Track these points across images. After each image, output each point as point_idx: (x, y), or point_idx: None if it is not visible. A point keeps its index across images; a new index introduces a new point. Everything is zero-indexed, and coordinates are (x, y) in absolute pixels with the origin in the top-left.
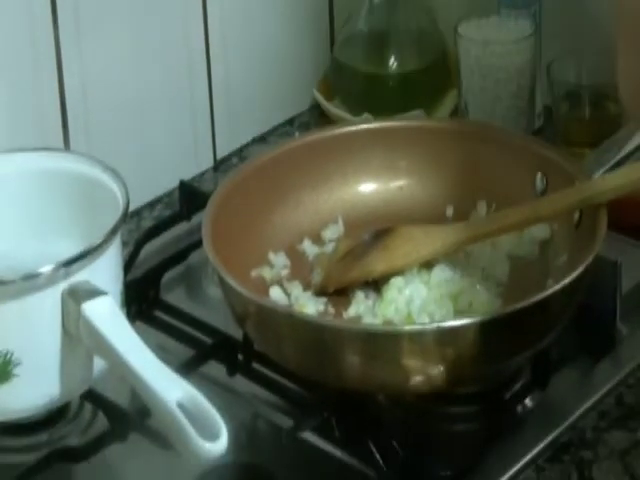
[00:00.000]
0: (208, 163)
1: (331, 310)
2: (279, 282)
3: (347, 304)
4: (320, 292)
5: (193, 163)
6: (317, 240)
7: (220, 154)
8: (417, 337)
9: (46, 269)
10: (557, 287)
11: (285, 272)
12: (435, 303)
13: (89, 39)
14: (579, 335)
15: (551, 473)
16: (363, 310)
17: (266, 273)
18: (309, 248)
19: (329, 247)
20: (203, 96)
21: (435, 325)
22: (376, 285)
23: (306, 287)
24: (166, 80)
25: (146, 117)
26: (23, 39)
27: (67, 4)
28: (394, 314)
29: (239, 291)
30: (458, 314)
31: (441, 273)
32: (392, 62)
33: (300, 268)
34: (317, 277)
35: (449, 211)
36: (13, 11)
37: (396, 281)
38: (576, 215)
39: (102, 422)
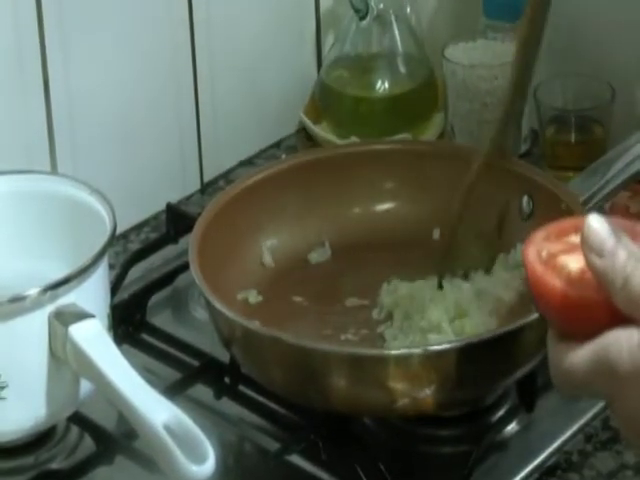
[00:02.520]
0: (195, 186)
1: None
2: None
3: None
4: None
5: (180, 186)
6: (304, 263)
7: (207, 177)
8: (403, 360)
9: (33, 291)
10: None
11: None
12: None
13: (76, 63)
14: None
15: None
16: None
17: (252, 297)
18: None
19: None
20: (190, 119)
21: (421, 348)
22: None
23: None
24: (153, 103)
25: (133, 140)
26: (9, 61)
27: (53, 25)
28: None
29: (226, 314)
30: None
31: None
32: (379, 85)
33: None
34: None
35: (436, 234)
36: None
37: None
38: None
39: (89, 444)
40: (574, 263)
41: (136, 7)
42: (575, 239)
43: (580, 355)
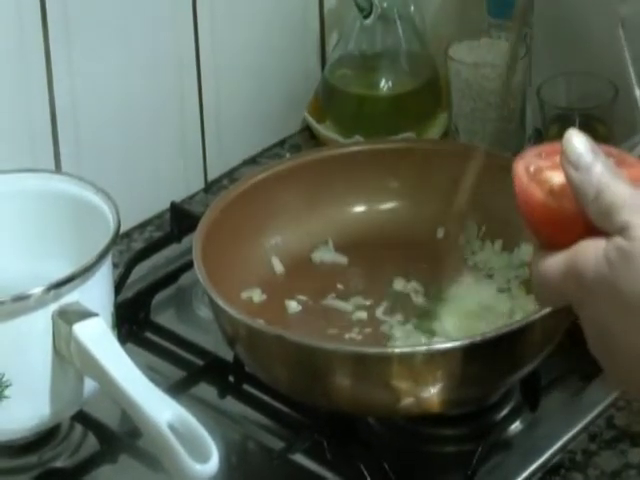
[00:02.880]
0: (199, 185)
1: None
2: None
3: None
4: None
5: (184, 185)
6: (307, 261)
7: (211, 176)
8: (407, 359)
9: (36, 290)
10: (547, 309)
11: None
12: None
13: (80, 62)
14: (569, 357)
15: None
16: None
17: (256, 296)
18: None
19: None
20: (194, 118)
21: (425, 347)
22: None
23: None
24: (157, 102)
25: (137, 139)
26: (13, 59)
27: (57, 24)
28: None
29: (230, 313)
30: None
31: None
32: (383, 84)
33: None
34: None
35: (440, 233)
36: (3, 30)
37: None
38: None
39: (92, 443)
40: (557, 178)
41: (140, 6)
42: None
43: (554, 261)
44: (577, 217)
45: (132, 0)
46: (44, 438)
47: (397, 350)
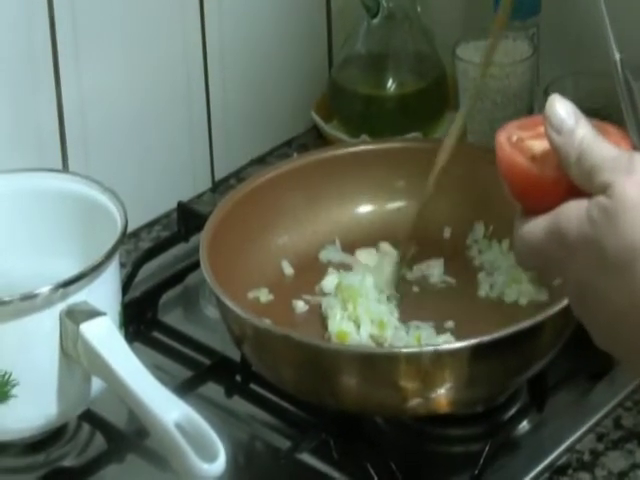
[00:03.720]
0: (206, 184)
1: None
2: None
3: None
4: None
5: (191, 184)
6: (314, 261)
7: (218, 175)
8: (414, 359)
9: (44, 289)
10: (554, 309)
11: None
12: None
13: (87, 61)
14: (576, 357)
15: None
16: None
17: (263, 296)
18: None
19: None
20: (201, 117)
21: (432, 347)
22: None
23: None
24: (164, 102)
25: (144, 138)
26: (22, 60)
27: (66, 24)
28: None
29: (236, 312)
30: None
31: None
32: (390, 84)
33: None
34: None
35: (447, 233)
36: (12, 30)
37: None
38: None
39: (100, 442)
40: (539, 146)
41: (148, 6)
42: (544, 129)
43: (536, 224)
44: (559, 182)
45: (139, 1)
46: (51, 437)
47: (404, 350)
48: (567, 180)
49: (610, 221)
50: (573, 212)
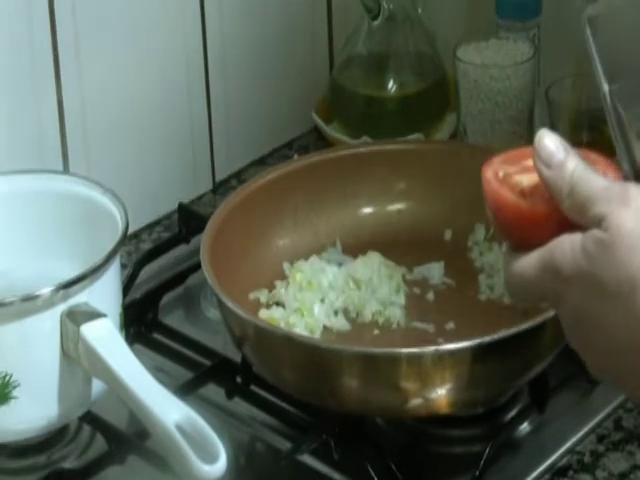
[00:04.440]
0: (207, 186)
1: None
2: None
3: None
4: None
5: (192, 186)
6: None
7: (219, 177)
8: (415, 360)
9: (45, 291)
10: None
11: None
12: None
13: (88, 63)
14: (577, 358)
15: None
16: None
17: (264, 297)
18: None
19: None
20: (202, 119)
21: (433, 348)
22: None
23: None
24: (165, 103)
25: (145, 140)
26: (23, 61)
27: (66, 25)
28: None
29: (237, 313)
30: None
31: None
32: (391, 85)
33: None
34: None
35: (447, 235)
36: (13, 31)
37: None
38: None
39: (100, 444)
40: (527, 181)
41: (148, 6)
42: (530, 163)
43: (529, 259)
44: (551, 216)
45: (140, 2)
46: (52, 439)
47: (405, 351)
48: (558, 214)
49: (606, 253)
50: (567, 246)
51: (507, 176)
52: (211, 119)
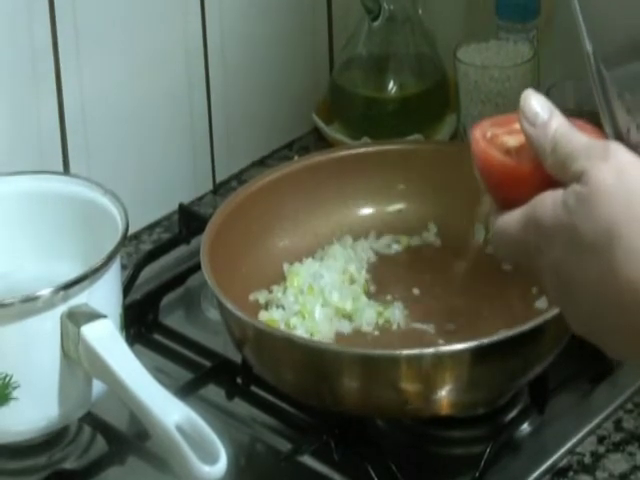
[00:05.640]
0: (207, 187)
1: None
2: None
3: None
4: None
5: (192, 186)
6: None
7: (219, 178)
8: (415, 361)
9: (45, 292)
10: (556, 311)
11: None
12: None
13: (89, 64)
14: (577, 359)
15: None
16: None
17: (262, 298)
18: None
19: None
20: (202, 120)
21: (432, 349)
22: None
23: None
24: (166, 104)
25: (145, 141)
26: (23, 62)
27: (67, 27)
28: None
29: (237, 314)
30: None
31: None
32: (391, 86)
33: None
34: None
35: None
36: (13, 31)
37: None
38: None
39: (101, 445)
40: (514, 141)
41: (149, 7)
42: (518, 126)
43: (513, 214)
44: (534, 174)
45: (141, 2)
46: (52, 440)
47: (405, 352)
48: (542, 172)
49: (585, 206)
50: (549, 201)
51: (495, 137)
52: (211, 120)
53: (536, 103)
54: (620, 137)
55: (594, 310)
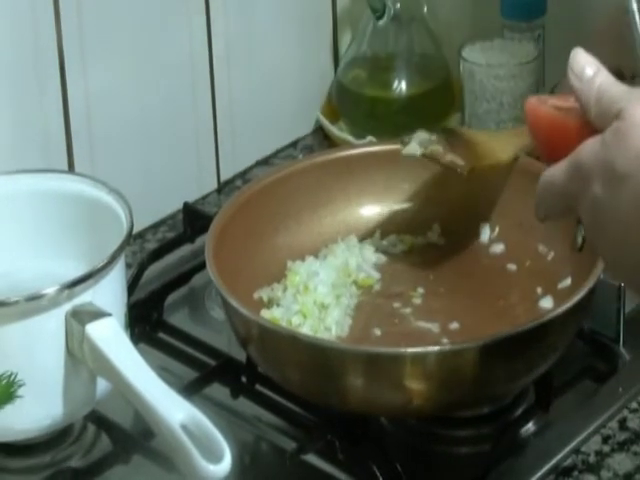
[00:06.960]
0: (212, 185)
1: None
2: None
3: None
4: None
5: (197, 185)
6: None
7: (224, 176)
8: (420, 359)
9: (50, 290)
10: (560, 310)
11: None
12: None
13: (93, 62)
14: (582, 358)
15: None
16: None
17: (267, 296)
18: None
19: None
20: (207, 119)
21: (437, 347)
22: None
23: None
24: (170, 103)
25: (150, 140)
26: (28, 61)
27: (71, 26)
28: None
29: (242, 313)
30: None
31: None
32: (396, 85)
33: None
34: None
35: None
36: (18, 30)
37: None
38: (579, 238)
39: (105, 443)
40: (565, 104)
41: (154, 5)
42: (571, 100)
43: (559, 165)
44: (582, 128)
45: (145, 3)
46: (57, 438)
47: (410, 350)
48: (590, 128)
49: (620, 138)
50: (590, 144)
51: (547, 100)
52: (216, 119)
53: (583, 59)
54: None
55: (624, 240)
